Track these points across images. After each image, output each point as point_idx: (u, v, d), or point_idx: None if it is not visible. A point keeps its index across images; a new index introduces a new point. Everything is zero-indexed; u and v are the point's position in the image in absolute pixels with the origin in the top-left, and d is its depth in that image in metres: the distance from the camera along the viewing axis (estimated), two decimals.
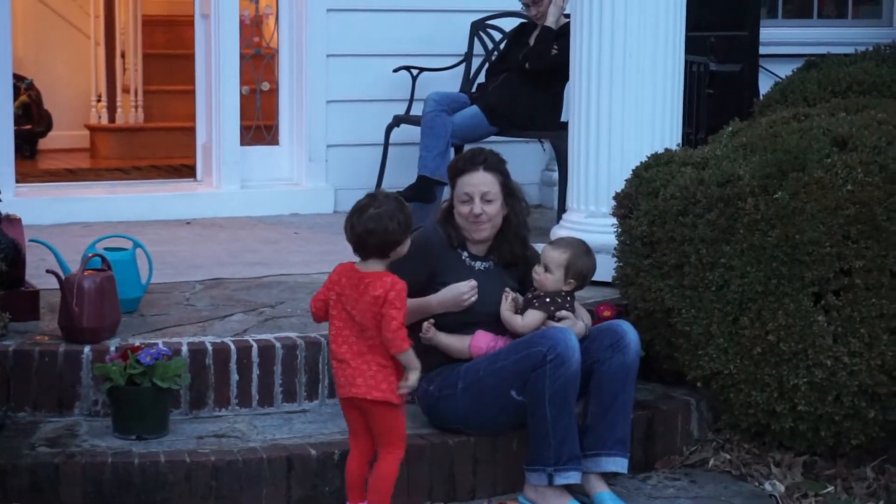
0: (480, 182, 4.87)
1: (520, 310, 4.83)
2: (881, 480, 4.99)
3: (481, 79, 7.99)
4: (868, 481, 4.98)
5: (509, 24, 8.08)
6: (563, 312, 4.82)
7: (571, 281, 4.86)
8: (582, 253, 4.89)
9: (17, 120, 8.29)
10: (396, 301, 4.27)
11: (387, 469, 4.35)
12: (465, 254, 4.95)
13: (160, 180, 8.44)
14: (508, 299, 4.83)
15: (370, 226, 4.30)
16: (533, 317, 4.80)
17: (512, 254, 4.97)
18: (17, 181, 7.52)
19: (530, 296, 4.86)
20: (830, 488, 4.95)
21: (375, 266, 4.35)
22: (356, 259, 4.41)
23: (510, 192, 4.93)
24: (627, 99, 5.88)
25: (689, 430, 5.30)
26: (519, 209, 4.97)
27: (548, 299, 4.82)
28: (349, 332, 4.34)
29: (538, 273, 4.85)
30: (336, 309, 4.38)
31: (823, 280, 4.85)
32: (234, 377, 5.03)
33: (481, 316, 4.82)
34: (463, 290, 4.76)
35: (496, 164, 4.92)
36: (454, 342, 4.82)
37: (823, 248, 4.82)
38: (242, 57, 7.91)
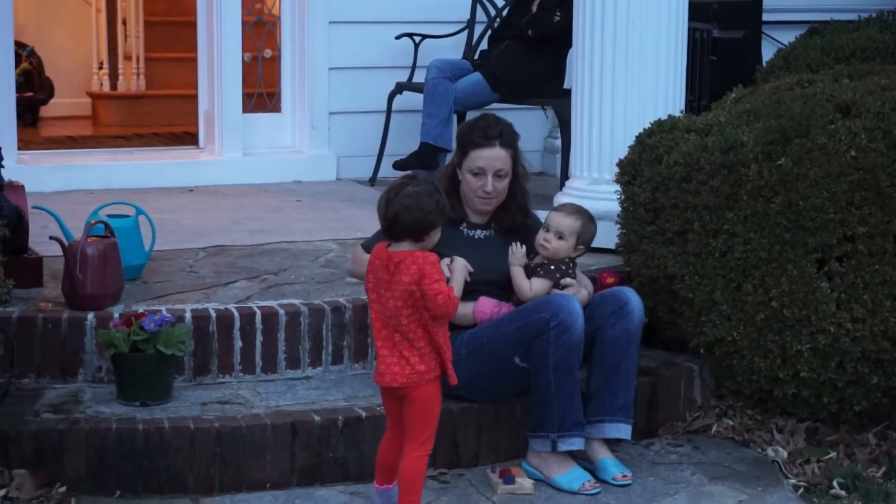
0: (496, 158, 4.84)
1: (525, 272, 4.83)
2: (883, 447, 5.00)
3: (484, 46, 7.97)
4: (870, 447, 4.99)
5: None
6: (567, 280, 4.83)
7: (580, 248, 4.87)
8: (589, 221, 4.90)
9: (19, 87, 8.29)
10: (434, 273, 4.17)
11: (411, 467, 4.23)
12: (464, 224, 4.94)
13: (162, 148, 8.43)
14: (518, 253, 4.80)
15: (407, 203, 4.18)
16: (540, 285, 4.80)
17: (512, 223, 4.96)
18: (19, 148, 7.51)
19: (534, 264, 4.85)
20: (833, 454, 4.96)
21: (408, 247, 4.21)
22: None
23: (517, 164, 4.92)
24: (630, 65, 5.87)
25: (692, 396, 5.31)
26: (521, 176, 4.96)
27: (552, 266, 4.82)
28: (381, 320, 4.23)
29: (550, 241, 4.83)
30: (374, 293, 4.27)
31: (827, 246, 4.85)
32: (238, 344, 5.03)
33: (481, 284, 4.81)
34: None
35: (511, 139, 4.89)
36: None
37: (827, 215, 4.82)
38: (244, 24, 7.89)
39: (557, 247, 4.84)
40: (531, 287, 4.79)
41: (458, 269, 4.49)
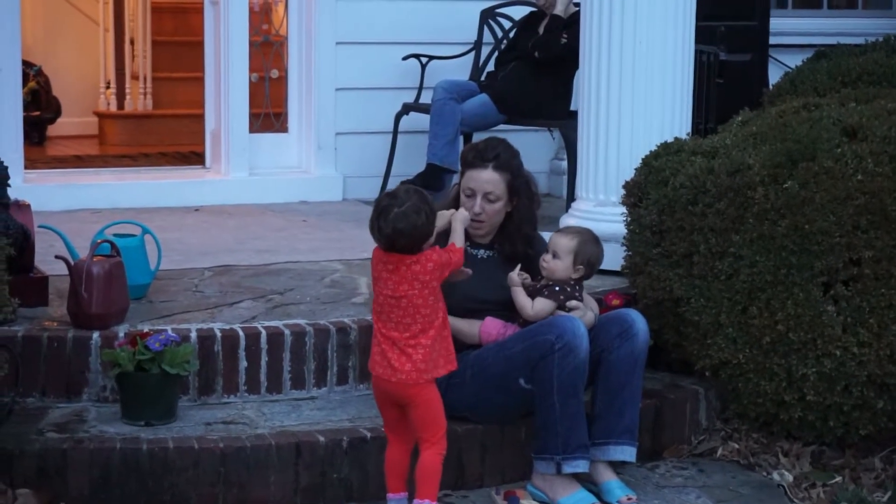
0: (486, 181, 4.83)
1: (528, 294, 4.82)
2: (889, 471, 4.99)
3: (490, 67, 7.99)
4: (876, 471, 4.98)
5: (519, 12, 8.07)
6: (573, 302, 4.82)
7: (580, 268, 4.85)
8: (590, 240, 4.89)
9: (26, 106, 8.30)
10: (443, 256, 4.33)
11: (429, 463, 4.31)
12: (468, 242, 4.93)
13: (169, 167, 8.44)
14: (518, 274, 4.81)
15: (399, 226, 4.23)
16: (543, 305, 4.79)
17: (513, 250, 4.93)
18: (26, 167, 7.52)
19: (539, 285, 4.85)
20: (839, 478, 4.94)
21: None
22: (370, 250, 4.40)
23: (516, 190, 4.87)
24: (637, 88, 5.87)
25: (698, 419, 5.29)
26: (524, 206, 4.92)
27: (557, 288, 4.82)
28: (386, 317, 4.31)
29: (546, 260, 4.85)
30: (377, 291, 4.36)
31: (833, 270, 4.85)
32: (243, 364, 5.03)
33: (486, 303, 4.81)
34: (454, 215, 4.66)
35: (507, 162, 4.85)
36: (464, 326, 4.81)
37: (833, 238, 4.81)
38: (251, 44, 7.91)
39: (553, 266, 4.83)
40: (533, 306, 4.79)
41: (459, 220, 4.57)
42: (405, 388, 4.30)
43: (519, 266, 4.84)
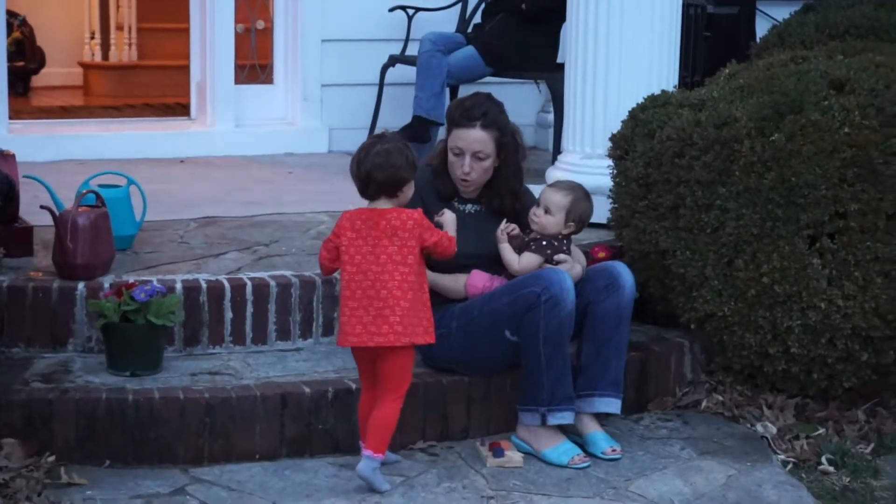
0: (475, 139, 4.80)
1: (516, 248, 4.82)
2: (872, 423, 5.01)
3: (477, 19, 7.95)
4: (859, 424, 5.00)
5: None
6: (561, 256, 4.82)
7: (571, 224, 4.85)
8: (583, 197, 4.88)
9: (10, 56, 8.24)
10: (429, 224, 4.38)
11: (387, 413, 4.36)
12: (455, 198, 4.92)
13: (154, 118, 8.41)
14: (504, 228, 4.80)
15: (378, 160, 4.33)
16: (529, 259, 4.79)
17: (501, 206, 4.92)
18: (10, 118, 7.49)
19: (527, 239, 4.85)
20: (822, 430, 4.96)
21: (387, 205, 4.37)
22: (357, 204, 4.40)
23: (504, 146, 4.86)
24: (624, 40, 5.85)
25: (683, 371, 5.31)
26: (511, 161, 4.90)
27: (544, 242, 4.81)
28: (371, 277, 4.32)
29: (537, 215, 4.84)
30: (350, 254, 4.35)
31: (818, 223, 4.85)
32: (229, 315, 5.02)
33: (471, 258, 4.80)
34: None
35: (494, 120, 4.82)
36: (449, 282, 4.82)
37: (819, 191, 4.81)
38: None
39: (545, 222, 4.83)
40: (519, 261, 4.79)
41: (449, 220, 4.58)
42: (383, 351, 4.35)
43: (505, 220, 4.84)
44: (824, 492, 4.58)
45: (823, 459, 4.74)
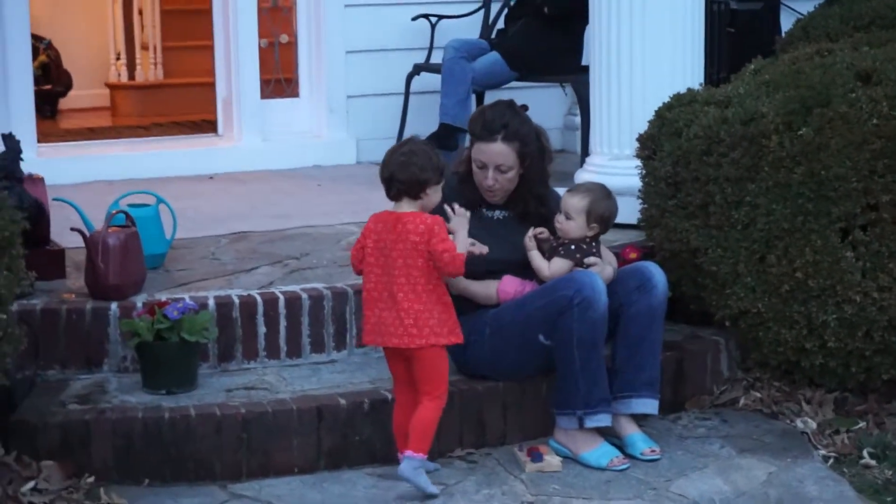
0: (497, 153, 4.79)
1: (546, 253, 4.81)
2: None
3: (501, 25, 7.95)
4: None
5: None
6: (591, 259, 4.80)
7: (594, 226, 4.83)
8: (601, 197, 4.86)
9: (37, 80, 8.27)
10: (441, 232, 4.36)
11: (425, 413, 4.38)
12: (483, 205, 4.91)
13: (181, 136, 8.42)
14: (532, 235, 4.79)
15: (401, 160, 4.40)
16: (559, 265, 4.78)
17: (525, 211, 4.91)
18: (39, 141, 7.50)
19: (556, 244, 4.84)
20: (862, 424, 4.94)
21: (409, 208, 4.40)
22: (386, 208, 4.42)
23: (527, 156, 4.82)
24: (648, 39, 5.83)
25: (719, 369, 5.28)
26: (536, 168, 4.88)
27: (573, 246, 4.80)
28: (388, 279, 4.37)
29: (559, 221, 4.83)
30: (373, 257, 4.41)
31: (850, 215, 4.82)
32: (262, 329, 5.03)
33: (501, 264, 4.79)
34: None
35: (515, 131, 4.79)
36: (480, 289, 4.81)
37: (850, 184, 4.79)
38: (260, 10, 7.88)
39: (567, 227, 4.82)
40: (549, 267, 4.78)
41: (460, 219, 4.55)
42: (410, 353, 4.38)
43: (532, 228, 4.82)
44: (866, 485, 4.56)
45: (865, 453, 4.71)
